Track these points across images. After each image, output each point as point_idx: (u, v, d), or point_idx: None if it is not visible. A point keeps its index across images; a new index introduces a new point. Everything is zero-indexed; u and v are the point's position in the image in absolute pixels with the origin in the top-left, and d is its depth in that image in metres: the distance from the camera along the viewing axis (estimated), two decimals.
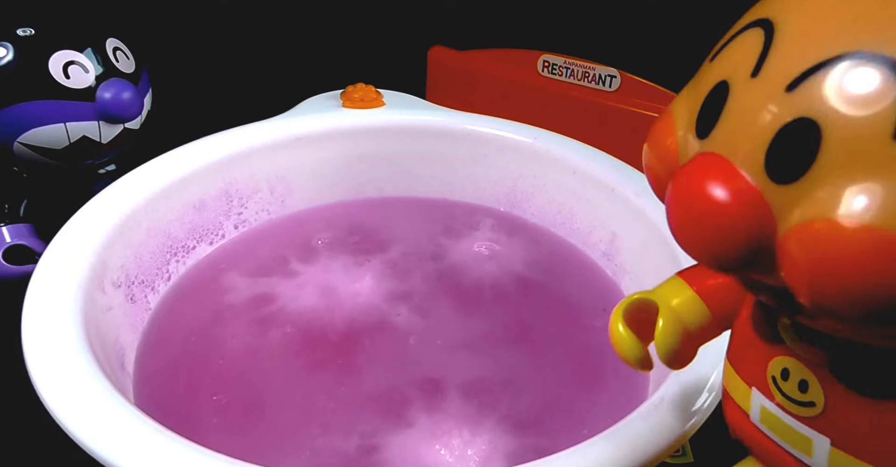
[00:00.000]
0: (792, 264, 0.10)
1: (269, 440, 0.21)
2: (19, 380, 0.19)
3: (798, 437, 0.13)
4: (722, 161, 0.11)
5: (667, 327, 0.15)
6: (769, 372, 0.14)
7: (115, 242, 0.24)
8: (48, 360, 0.18)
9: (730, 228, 0.11)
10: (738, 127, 0.11)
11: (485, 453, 0.21)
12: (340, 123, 0.31)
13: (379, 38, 0.49)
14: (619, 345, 0.16)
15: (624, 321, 0.16)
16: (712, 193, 0.11)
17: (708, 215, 0.11)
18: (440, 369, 0.24)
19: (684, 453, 0.25)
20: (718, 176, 0.11)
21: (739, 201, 0.10)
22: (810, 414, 0.13)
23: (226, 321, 0.25)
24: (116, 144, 0.31)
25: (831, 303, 0.10)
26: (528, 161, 0.31)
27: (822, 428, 0.13)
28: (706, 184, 0.11)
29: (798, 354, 0.13)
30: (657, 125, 0.13)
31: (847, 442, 0.13)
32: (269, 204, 0.31)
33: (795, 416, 0.13)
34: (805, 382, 0.13)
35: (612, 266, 0.29)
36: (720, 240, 0.11)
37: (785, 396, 0.13)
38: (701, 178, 0.11)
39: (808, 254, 0.10)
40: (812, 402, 0.13)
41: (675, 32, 0.43)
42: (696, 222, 0.11)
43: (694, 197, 0.11)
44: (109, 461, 0.16)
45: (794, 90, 0.10)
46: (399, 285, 0.28)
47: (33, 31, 0.28)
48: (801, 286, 0.10)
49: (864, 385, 0.12)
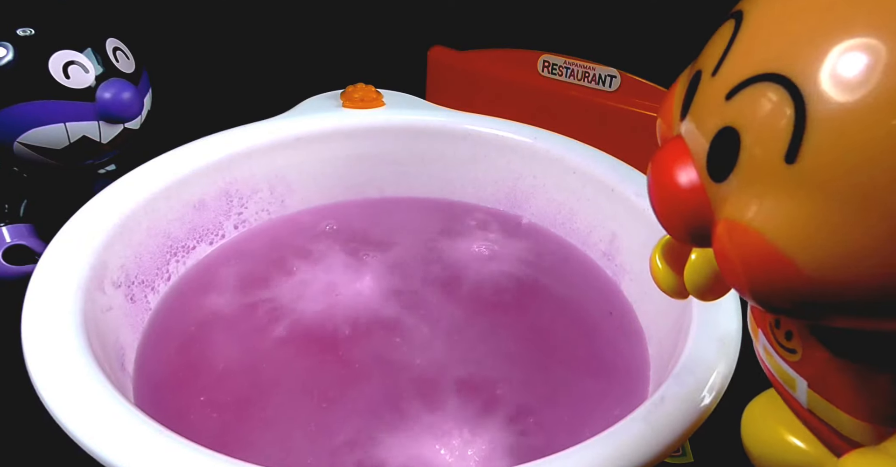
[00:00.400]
0: (715, 248, 0.12)
1: (269, 439, 0.21)
2: (19, 380, 0.19)
3: (786, 376, 0.16)
4: (685, 148, 0.12)
5: (696, 262, 0.16)
6: (768, 320, 0.16)
7: (115, 242, 0.24)
8: (48, 360, 0.18)
9: (677, 210, 0.12)
10: (696, 121, 0.12)
11: (485, 453, 0.21)
12: (340, 123, 0.31)
13: (379, 38, 0.49)
14: (655, 276, 0.17)
15: (662, 253, 0.17)
16: (671, 179, 0.12)
17: (665, 195, 0.12)
18: (440, 369, 0.24)
19: (684, 453, 0.25)
20: (678, 163, 0.12)
21: (687, 190, 0.12)
22: (793, 359, 0.15)
23: (226, 321, 0.25)
24: (116, 144, 0.31)
25: (736, 287, 0.12)
26: (528, 161, 0.31)
27: (801, 371, 0.15)
28: (668, 167, 0.12)
29: None
30: (665, 98, 0.14)
31: (820, 387, 0.15)
32: (269, 204, 0.31)
33: (784, 359, 0.16)
34: (790, 332, 0.15)
35: (612, 266, 0.29)
36: (672, 219, 0.12)
37: (777, 341, 0.16)
38: (666, 161, 0.12)
39: (724, 243, 0.11)
40: (794, 350, 0.15)
41: (676, 32, 0.43)
42: (658, 197, 0.12)
43: (659, 176, 0.12)
44: (109, 461, 0.16)
45: (730, 99, 0.11)
46: (399, 285, 0.28)
47: (33, 31, 0.28)
48: (721, 267, 0.12)
49: (834, 346, 0.14)
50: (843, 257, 0.10)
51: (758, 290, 0.11)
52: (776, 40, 0.11)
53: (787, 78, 0.10)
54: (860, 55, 0.10)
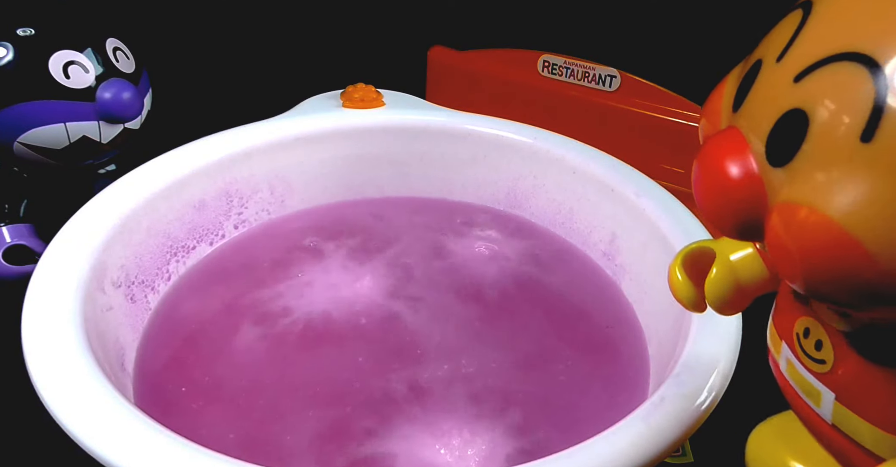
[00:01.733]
0: (768, 237, 0.12)
1: (270, 439, 0.21)
2: (19, 380, 0.19)
3: (811, 389, 0.15)
4: (739, 137, 0.12)
5: (717, 277, 0.16)
6: (795, 330, 0.16)
7: (115, 242, 0.24)
8: (48, 360, 0.18)
9: (729, 201, 0.12)
10: (755, 107, 0.12)
11: (485, 453, 0.21)
12: (340, 123, 0.31)
13: (379, 38, 0.49)
14: (674, 288, 0.17)
15: (682, 265, 0.17)
16: (722, 168, 0.12)
17: (715, 187, 0.12)
18: (440, 368, 0.24)
19: (684, 453, 0.25)
20: (731, 153, 0.12)
21: (740, 179, 0.12)
22: (821, 370, 0.15)
23: (226, 321, 0.25)
24: (116, 144, 0.31)
25: (790, 276, 0.11)
26: (528, 161, 0.31)
27: (829, 383, 0.15)
28: (719, 158, 0.12)
29: (818, 317, 0.15)
30: (710, 98, 0.14)
31: (848, 399, 0.14)
32: (269, 204, 0.31)
33: (810, 370, 0.15)
34: (820, 342, 0.15)
35: (612, 266, 0.29)
36: (723, 210, 0.12)
37: (804, 352, 0.15)
38: (717, 152, 0.12)
39: (779, 231, 0.11)
40: (823, 360, 0.15)
41: (675, 32, 0.43)
42: (706, 190, 0.12)
43: (708, 168, 0.12)
44: (109, 461, 0.16)
45: (799, 81, 0.11)
46: (399, 285, 0.28)
47: (33, 31, 0.28)
48: (774, 257, 0.12)
49: (870, 351, 0.14)
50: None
51: (816, 277, 0.11)
52: (853, 21, 0.11)
53: (867, 55, 0.10)
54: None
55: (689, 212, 0.26)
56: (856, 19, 0.11)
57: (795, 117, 0.11)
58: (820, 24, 0.11)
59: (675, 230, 0.25)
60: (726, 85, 0.13)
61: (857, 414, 0.14)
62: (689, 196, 0.36)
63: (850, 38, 0.10)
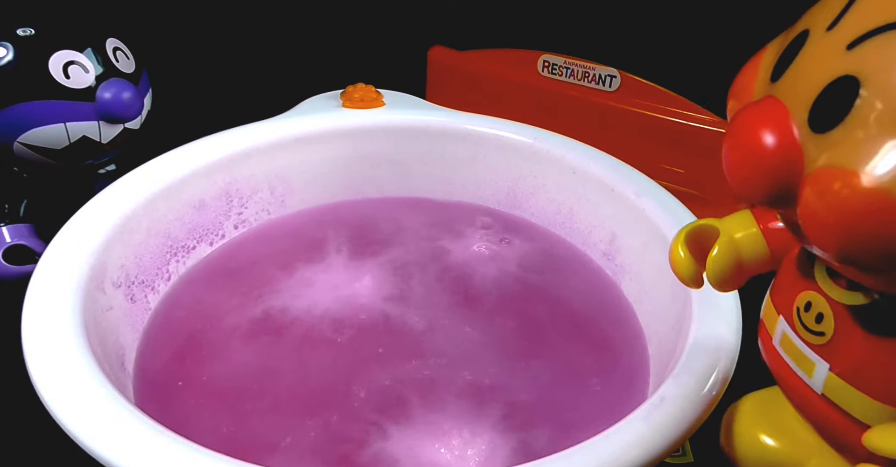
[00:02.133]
0: (803, 203, 0.12)
1: (270, 439, 0.21)
2: (19, 380, 0.19)
3: (805, 360, 0.16)
4: (778, 106, 0.12)
5: (719, 255, 0.17)
6: (796, 304, 0.16)
7: (115, 242, 0.24)
8: (48, 360, 0.18)
9: (765, 169, 0.12)
10: (800, 75, 0.12)
11: (484, 453, 0.21)
12: (340, 123, 0.31)
13: (379, 38, 0.49)
14: (675, 264, 0.18)
15: (684, 242, 0.18)
16: (758, 136, 0.12)
17: (751, 154, 0.12)
18: (440, 368, 0.24)
19: (684, 453, 0.25)
20: (769, 120, 0.12)
21: (778, 146, 0.12)
22: (819, 342, 0.15)
23: (226, 321, 0.25)
24: (116, 144, 0.31)
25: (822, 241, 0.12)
26: (528, 161, 0.31)
27: (826, 354, 0.15)
28: (756, 127, 0.12)
29: (822, 291, 0.15)
30: (746, 65, 0.14)
31: (844, 370, 0.15)
32: (269, 204, 0.31)
33: (806, 342, 0.16)
34: (821, 315, 0.15)
35: (612, 266, 0.29)
36: (757, 176, 0.12)
37: (802, 325, 0.16)
38: (754, 121, 0.12)
39: (816, 196, 0.11)
40: (823, 333, 0.15)
41: (675, 32, 0.43)
42: (741, 158, 0.12)
43: (744, 137, 0.12)
44: (109, 461, 0.16)
45: (853, 48, 0.11)
46: (399, 285, 0.28)
47: (33, 31, 0.28)
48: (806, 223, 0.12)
49: (875, 324, 0.14)
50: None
51: (852, 241, 0.11)
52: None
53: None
54: None
55: (689, 212, 0.26)
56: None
57: (845, 84, 0.11)
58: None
59: (674, 230, 0.25)
60: (763, 58, 0.14)
61: (852, 385, 0.15)
62: (689, 196, 0.36)
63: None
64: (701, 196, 0.37)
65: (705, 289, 0.20)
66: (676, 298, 0.23)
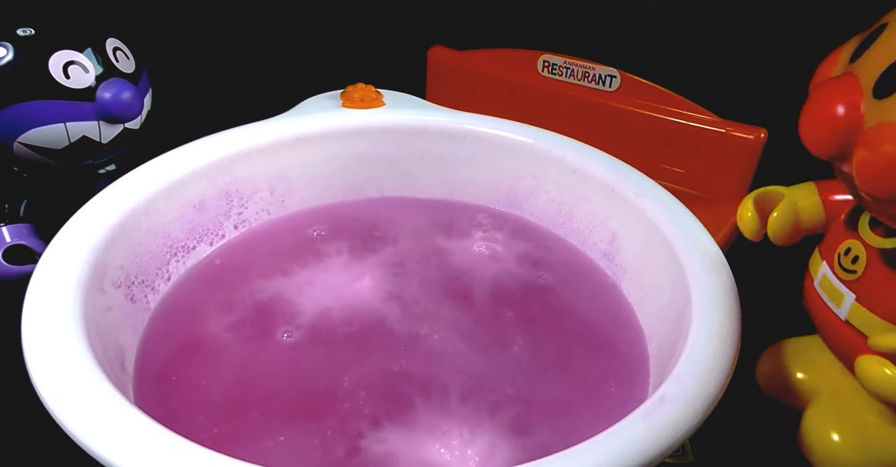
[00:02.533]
0: (860, 153, 0.16)
1: (269, 439, 0.21)
2: (19, 380, 0.19)
3: (836, 293, 0.20)
4: (853, 78, 0.16)
5: (779, 217, 0.22)
6: (838, 250, 0.20)
7: (115, 242, 0.24)
8: (48, 360, 0.18)
9: (836, 125, 0.16)
10: (875, 55, 0.16)
11: (484, 453, 0.21)
12: (340, 123, 0.31)
13: (379, 38, 0.49)
14: (743, 220, 0.23)
15: (753, 202, 0.23)
16: (832, 102, 0.16)
17: (826, 114, 0.16)
18: (440, 368, 0.24)
19: (684, 453, 0.25)
20: (840, 95, 0.16)
21: (846, 114, 0.16)
22: (850, 279, 0.20)
23: (226, 321, 0.25)
24: (116, 144, 0.31)
25: (876, 187, 0.15)
26: (528, 161, 0.31)
27: (854, 288, 0.20)
28: (833, 95, 0.16)
29: (862, 238, 0.20)
30: (828, 59, 0.19)
31: (867, 299, 0.19)
32: (269, 204, 0.31)
33: (840, 279, 0.20)
34: (857, 257, 0.20)
35: (612, 266, 0.29)
36: (826, 132, 0.16)
37: (840, 265, 0.20)
38: (833, 90, 0.16)
39: (867, 152, 0.15)
40: (854, 271, 0.20)
41: (675, 32, 0.43)
42: (817, 118, 0.17)
43: (822, 101, 0.17)
44: (109, 461, 0.16)
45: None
46: (399, 285, 0.28)
47: (33, 31, 0.28)
48: (861, 171, 0.16)
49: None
50: None
51: (893, 181, 0.15)
52: None
53: None
54: None
55: (688, 212, 0.26)
56: None
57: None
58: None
59: (675, 230, 0.25)
60: (845, 48, 0.18)
61: (870, 310, 0.19)
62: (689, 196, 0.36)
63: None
64: (701, 196, 0.37)
65: (705, 289, 0.22)
66: (676, 298, 0.23)
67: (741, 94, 0.39)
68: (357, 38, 0.50)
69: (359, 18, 0.50)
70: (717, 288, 0.22)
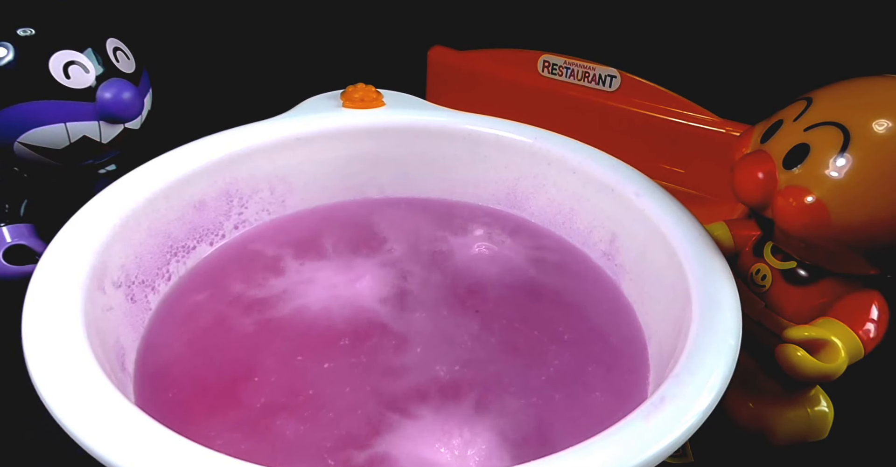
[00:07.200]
0: (775, 207, 0.22)
1: (269, 439, 0.21)
2: (19, 380, 0.19)
3: (752, 300, 0.26)
4: (766, 155, 0.23)
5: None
6: (751, 270, 0.26)
7: (115, 242, 0.24)
8: (48, 360, 0.18)
9: (757, 188, 0.23)
10: (779, 141, 0.23)
11: (484, 452, 0.21)
12: (340, 123, 0.31)
13: (379, 38, 0.50)
14: None
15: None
16: (755, 171, 0.23)
17: (750, 180, 0.23)
18: (440, 368, 0.24)
19: (684, 453, 0.25)
20: (760, 165, 0.23)
21: (765, 178, 0.22)
22: (761, 291, 0.26)
23: (226, 321, 0.25)
24: (116, 144, 0.31)
25: (789, 227, 0.22)
26: (528, 161, 0.31)
27: (763, 296, 0.26)
28: (754, 166, 0.23)
29: (768, 263, 0.26)
30: (743, 133, 0.25)
31: (772, 304, 0.25)
32: (269, 204, 0.31)
33: (753, 291, 0.26)
34: (765, 276, 0.26)
35: (612, 266, 0.29)
36: (752, 192, 0.23)
37: (753, 282, 0.26)
38: (753, 163, 0.23)
39: (784, 202, 0.22)
40: (763, 285, 0.26)
41: (675, 32, 0.43)
42: (745, 183, 0.23)
43: (747, 171, 0.23)
44: (109, 461, 0.16)
45: (807, 131, 0.22)
46: (399, 285, 0.28)
47: (33, 31, 0.28)
48: (779, 217, 0.22)
49: (791, 278, 0.25)
50: (855, 214, 0.21)
51: (801, 227, 0.22)
52: (834, 108, 0.22)
53: (841, 123, 0.21)
54: (873, 119, 0.21)
55: (688, 212, 0.26)
56: (836, 107, 0.22)
57: (802, 147, 0.22)
58: (818, 107, 0.22)
59: (674, 230, 0.25)
60: (755, 130, 0.24)
61: (776, 313, 0.25)
62: (689, 196, 0.36)
63: (834, 115, 0.22)
64: (701, 196, 0.37)
65: (705, 289, 0.23)
66: (676, 298, 0.23)
67: (741, 94, 0.39)
68: (357, 38, 0.50)
69: (359, 18, 0.50)
70: (717, 288, 0.22)
